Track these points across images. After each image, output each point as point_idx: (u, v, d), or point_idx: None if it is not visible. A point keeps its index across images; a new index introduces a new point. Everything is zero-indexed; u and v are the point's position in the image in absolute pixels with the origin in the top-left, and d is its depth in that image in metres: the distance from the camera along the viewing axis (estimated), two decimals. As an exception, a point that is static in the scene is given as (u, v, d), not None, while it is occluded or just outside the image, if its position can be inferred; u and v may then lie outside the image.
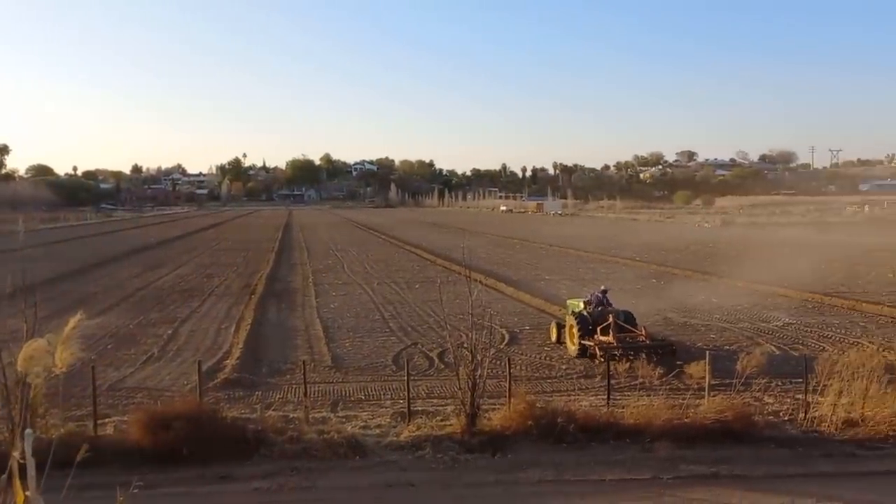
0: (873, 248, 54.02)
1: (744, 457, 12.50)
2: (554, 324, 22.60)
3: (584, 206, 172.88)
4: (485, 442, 13.01)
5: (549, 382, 17.77)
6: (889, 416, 13.35)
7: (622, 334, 19.38)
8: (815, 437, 13.30)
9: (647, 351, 18.56)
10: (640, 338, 19.46)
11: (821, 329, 23.93)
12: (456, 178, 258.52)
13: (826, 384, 14.06)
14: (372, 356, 20.67)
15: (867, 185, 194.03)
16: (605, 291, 21.65)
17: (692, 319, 26.00)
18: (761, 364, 17.09)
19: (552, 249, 59.27)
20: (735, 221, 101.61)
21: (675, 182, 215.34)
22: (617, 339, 19.07)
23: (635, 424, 13.41)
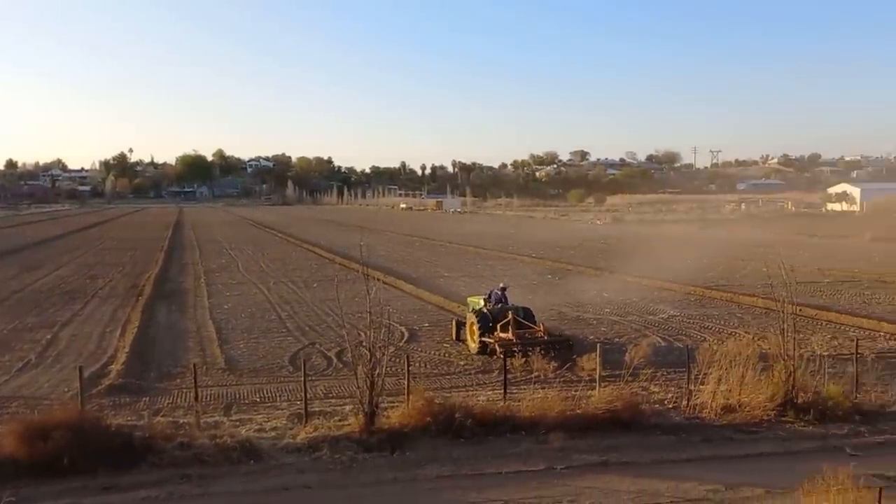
0: (749, 243, 57.58)
1: (632, 444, 13.03)
2: (454, 321, 22.73)
3: (482, 204, 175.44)
4: (383, 440, 12.96)
5: (447, 379, 17.91)
6: (763, 402, 14.24)
7: (521, 330, 19.68)
8: (697, 423, 14.01)
9: (545, 346, 18.95)
10: (539, 334, 19.83)
11: (702, 320, 25.28)
12: (355, 175, 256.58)
13: (707, 373, 14.83)
14: (268, 357, 20.18)
15: (744, 184, 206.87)
16: (504, 289, 21.92)
17: (585, 313, 26.88)
18: (648, 355, 17.88)
19: (451, 247, 59.82)
20: (625, 219, 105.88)
21: (569, 181, 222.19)
22: (516, 335, 19.35)
23: (531, 417, 13.72)
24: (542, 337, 19.66)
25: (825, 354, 18.29)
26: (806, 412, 14.19)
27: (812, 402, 14.35)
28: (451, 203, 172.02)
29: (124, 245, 62.99)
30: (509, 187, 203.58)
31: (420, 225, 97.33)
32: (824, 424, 13.90)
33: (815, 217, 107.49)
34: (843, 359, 18.16)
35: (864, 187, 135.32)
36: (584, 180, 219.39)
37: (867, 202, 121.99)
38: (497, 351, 18.91)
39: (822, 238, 65.36)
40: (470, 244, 60.45)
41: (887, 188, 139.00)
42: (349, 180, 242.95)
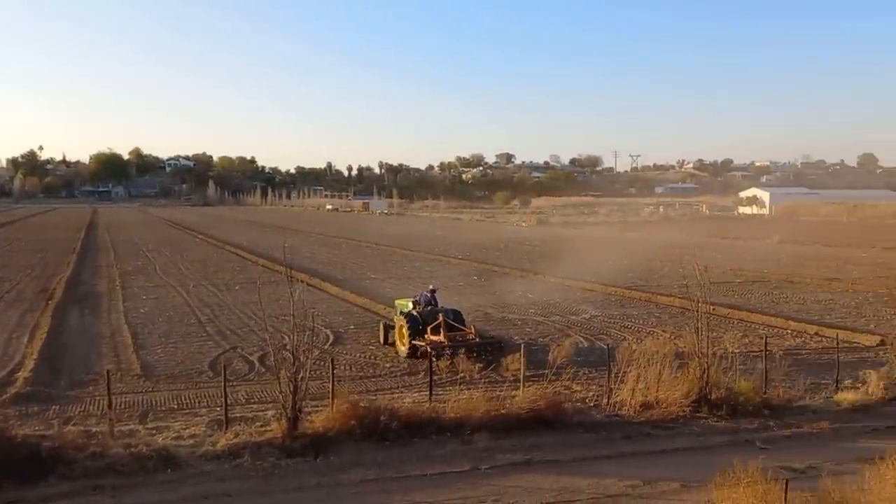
0: (667, 245, 59.54)
1: (555, 443, 13.25)
2: (382, 325, 22.36)
3: (409, 206, 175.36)
4: (307, 445, 12.76)
5: (373, 381, 17.79)
6: (679, 398, 14.72)
7: (453, 333, 19.55)
8: (617, 420, 14.37)
9: (477, 349, 18.98)
10: (470, 336, 19.76)
11: (622, 320, 25.97)
12: (280, 175, 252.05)
13: (626, 371, 15.21)
14: (186, 362, 19.57)
15: (662, 187, 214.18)
16: (434, 291, 21.78)
17: (510, 314, 27.20)
18: (571, 354, 18.30)
19: (378, 248, 59.53)
20: (549, 221, 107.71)
21: (495, 183, 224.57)
22: (448, 337, 19.21)
23: (456, 418, 13.77)
24: (473, 339, 19.61)
25: (737, 352, 19.07)
26: (719, 408, 14.76)
27: (725, 397, 14.93)
28: (377, 204, 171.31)
29: (33, 247, 59.97)
30: (436, 189, 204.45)
31: (346, 226, 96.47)
32: (736, 419, 14.49)
33: (728, 220, 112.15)
34: (753, 356, 18.91)
35: (772, 191, 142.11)
36: (509, 183, 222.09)
37: (776, 206, 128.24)
38: (429, 353, 18.63)
39: (734, 240, 68.15)
40: (397, 246, 60.30)
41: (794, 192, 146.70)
42: (273, 181, 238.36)
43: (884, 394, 15.92)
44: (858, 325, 24.85)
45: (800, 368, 18.07)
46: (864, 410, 15.22)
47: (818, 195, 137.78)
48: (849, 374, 17.33)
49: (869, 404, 15.47)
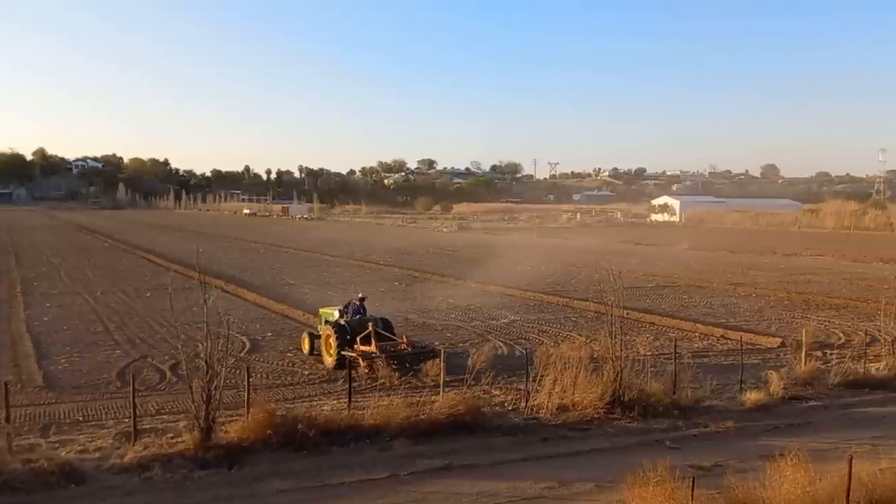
0: (583, 250, 61.12)
1: (474, 447, 13.34)
2: (306, 334, 21.35)
3: (330, 211, 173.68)
4: (220, 456, 12.40)
5: (291, 389, 17.47)
6: (594, 401, 15.09)
7: (384, 343, 18.96)
8: (534, 423, 14.59)
9: (410, 359, 18.52)
10: (402, 346, 19.17)
11: (540, 324, 26.43)
12: (195, 178, 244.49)
13: (543, 374, 15.48)
14: (93, 373, 18.70)
15: (579, 195, 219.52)
16: (363, 299, 20.95)
17: (431, 320, 27.27)
18: (490, 359, 18.46)
19: (298, 254, 58.65)
20: (470, 226, 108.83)
21: (417, 188, 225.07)
22: (379, 347, 18.57)
23: (375, 425, 13.69)
24: (405, 349, 19.04)
25: (648, 354, 19.78)
26: (631, 409, 15.21)
27: (637, 399, 15.40)
28: (297, 209, 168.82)
29: (-77, 251, 56.17)
30: (358, 194, 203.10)
31: (265, 231, 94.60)
32: (647, 420, 14.96)
33: (641, 227, 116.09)
34: (664, 358, 19.59)
35: (682, 200, 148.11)
36: (431, 188, 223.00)
37: (685, 213, 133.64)
38: (361, 364, 18.21)
39: (646, 246, 70.51)
40: (317, 251, 59.59)
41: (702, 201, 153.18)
42: (188, 184, 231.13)
43: (784, 393, 16.76)
44: (761, 327, 26.11)
45: (707, 370, 18.83)
46: (766, 409, 15.96)
47: (725, 204, 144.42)
48: (752, 375, 18.16)
49: (770, 404, 16.24)
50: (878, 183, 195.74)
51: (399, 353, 18.82)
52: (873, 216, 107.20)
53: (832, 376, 18.07)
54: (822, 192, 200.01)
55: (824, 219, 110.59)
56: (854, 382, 17.86)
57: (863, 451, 12.36)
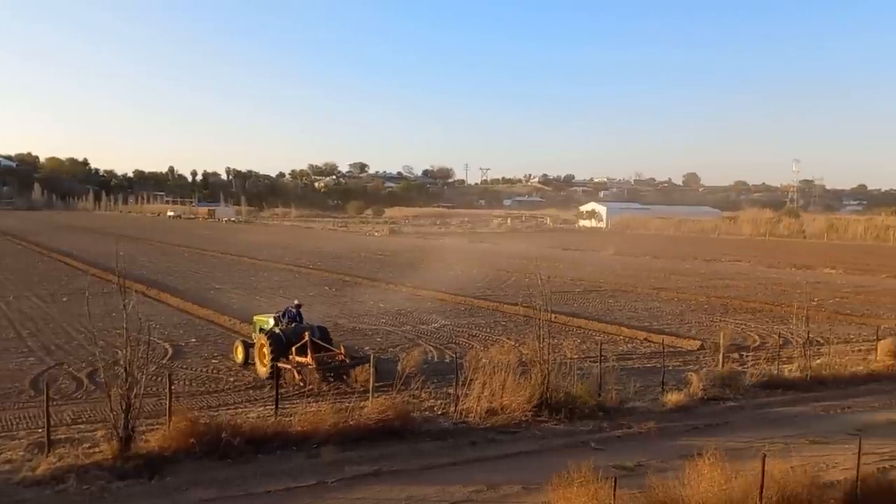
0: (514, 255, 61.85)
1: (403, 452, 13.31)
2: (240, 343, 20.47)
3: (258, 214, 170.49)
4: (140, 466, 11.99)
5: (215, 396, 17.04)
6: (522, 404, 15.29)
7: (321, 353, 18.38)
8: (463, 427, 14.67)
9: (347, 371, 18.00)
10: (339, 356, 18.53)
11: (470, 329, 26.62)
12: (116, 179, 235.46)
13: (473, 378, 15.58)
14: (3, 381, 17.79)
15: (510, 200, 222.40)
16: (299, 306, 20.38)
17: (361, 324, 27.10)
18: (420, 363, 18.47)
19: (224, 257, 57.35)
20: (402, 231, 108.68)
21: (349, 192, 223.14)
22: (315, 359, 17.94)
23: (303, 431, 13.50)
24: (342, 360, 18.40)
25: (575, 357, 20.16)
26: (558, 411, 15.48)
27: (563, 401, 15.69)
28: (224, 212, 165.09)
29: None
30: (288, 197, 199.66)
31: (190, 234, 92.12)
32: (573, 422, 15.25)
33: (570, 232, 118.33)
34: (590, 361, 20.03)
35: (609, 206, 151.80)
36: (363, 192, 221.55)
37: (612, 219, 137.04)
38: (296, 378, 17.66)
39: (574, 251, 71.95)
40: (244, 255, 58.41)
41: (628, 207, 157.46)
42: (109, 185, 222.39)
43: (703, 394, 17.38)
44: (682, 330, 27.00)
45: (631, 372, 19.35)
46: (686, 410, 16.51)
47: (649, 210, 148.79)
48: (674, 377, 18.75)
49: (690, 404, 16.80)
50: (791, 192, 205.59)
51: (335, 363, 18.28)
52: (787, 224, 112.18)
53: (748, 377, 18.86)
54: (740, 200, 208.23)
55: (742, 226, 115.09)
56: (768, 383, 18.66)
57: (776, 450, 12.93)
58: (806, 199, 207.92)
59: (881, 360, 21.07)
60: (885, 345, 21.62)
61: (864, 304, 35.60)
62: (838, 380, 19.32)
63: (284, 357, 18.31)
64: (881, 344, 21.83)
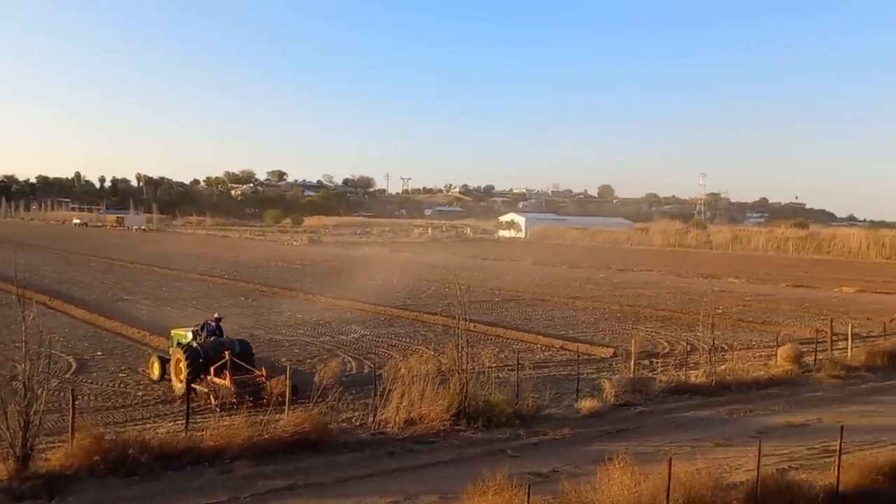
0: (434, 265, 62.15)
1: (320, 465, 13.12)
2: (156, 358, 19.58)
3: (171, 222, 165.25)
4: (40, 486, 11.37)
5: (122, 412, 16.37)
6: (440, 413, 15.34)
7: (241, 376, 17.33)
8: (381, 438, 14.59)
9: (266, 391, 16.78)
10: (260, 378, 17.48)
11: (390, 339, 26.54)
12: (17, 185, 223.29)
13: (391, 389, 15.54)
14: None
15: (431, 210, 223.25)
16: (219, 320, 19.59)
17: (277, 335, 26.63)
18: (338, 374, 18.25)
19: (134, 267, 55.29)
20: (321, 240, 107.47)
21: (267, 201, 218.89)
22: (234, 382, 16.95)
23: (215, 446, 13.12)
24: (264, 382, 17.21)
25: (493, 366, 20.33)
26: (476, 420, 15.61)
27: (482, 410, 15.84)
28: (134, 220, 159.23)
29: None
30: (202, 205, 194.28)
31: (98, 243, 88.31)
32: (491, 430, 15.40)
33: (490, 242, 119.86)
34: (508, 369, 20.30)
35: (528, 217, 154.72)
36: (281, 201, 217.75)
37: (530, 230, 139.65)
38: (213, 403, 16.56)
39: (494, 261, 72.89)
40: (156, 264, 56.46)
41: (546, 218, 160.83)
42: (9, 191, 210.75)
43: (616, 400, 17.90)
44: (596, 338, 27.74)
45: (547, 380, 19.77)
46: (599, 416, 16.95)
47: (566, 221, 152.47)
48: (588, 384, 19.22)
49: (603, 410, 17.26)
50: (699, 205, 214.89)
51: (255, 385, 17.29)
52: (695, 235, 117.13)
53: (657, 383, 19.54)
54: (652, 212, 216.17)
55: (653, 237, 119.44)
56: (676, 388, 19.39)
57: (683, 453, 13.42)
58: (712, 212, 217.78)
59: (780, 365, 22.21)
60: (784, 351, 22.84)
61: (765, 311, 37.50)
62: (741, 384, 20.24)
63: (203, 371, 17.62)
64: (780, 350, 23.04)
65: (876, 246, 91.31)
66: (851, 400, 19.42)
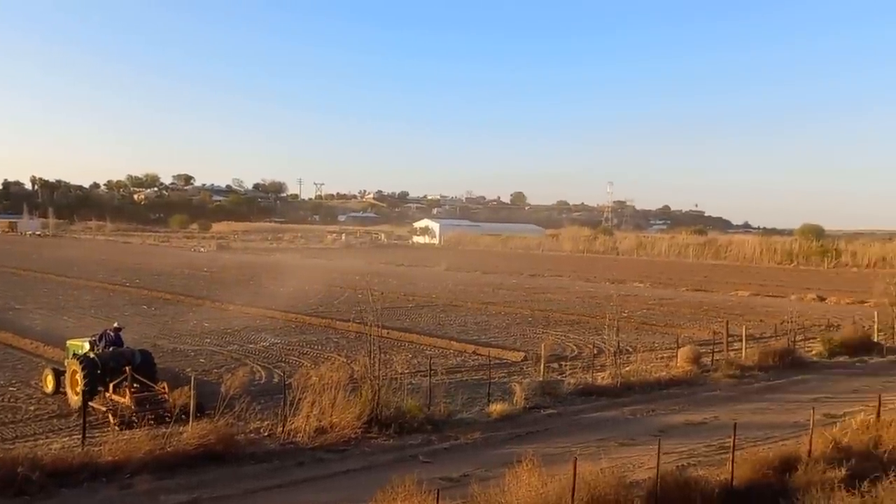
0: (348, 271, 61.63)
1: (225, 477, 12.75)
2: (50, 370, 18.57)
3: (69, 227, 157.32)
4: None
5: (12, 427, 15.46)
6: (352, 421, 15.21)
7: (142, 394, 16.46)
8: (291, 447, 14.33)
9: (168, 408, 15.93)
10: (162, 395, 16.66)
11: (301, 347, 26.12)
12: None
13: (302, 397, 15.30)
14: None
15: (344, 216, 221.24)
16: (119, 329, 18.64)
17: (182, 345, 25.76)
18: (246, 384, 17.75)
19: (28, 274, 52.33)
20: (231, 246, 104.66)
21: (172, 205, 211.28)
22: (135, 399, 16.09)
23: (114, 461, 12.57)
24: (165, 399, 16.36)
25: (406, 372, 20.38)
26: (388, 427, 15.56)
27: (394, 416, 15.81)
28: (28, 224, 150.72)
29: None
30: (103, 209, 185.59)
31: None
32: (403, 437, 15.39)
33: (404, 248, 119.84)
34: (420, 375, 20.34)
35: (442, 223, 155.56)
36: (188, 205, 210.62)
37: (444, 236, 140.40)
38: (112, 421, 15.52)
39: (408, 267, 72.91)
40: (52, 271, 53.62)
41: (460, 224, 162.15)
42: None
43: (526, 403, 18.21)
44: (508, 343, 28.17)
45: (459, 385, 19.92)
46: (510, 419, 17.20)
47: (480, 227, 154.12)
48: (499, 388, 19.48)
49: (514, 414, 17.54)
50: (606, 212, 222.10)
51: (157, 401, 16.48)
52: (602, 241, 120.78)
53: (566, 386, 20.05)
54: (562, 218, 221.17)
55: (563, 243, 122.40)
56: (584, 390, 19.94)
57: (589, 453, 13.81)
58: (619, 219, 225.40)
59: (680, 365, 23.18)
60: (684, 352, 23.85)
61: (666, 314, 39.08)
62: (644, 385, 21.00)
63: (101, 384, 16.85)
64: (681, 351, 24.05)
65: (768, 252, 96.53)
66: (746, 398, 20.47)
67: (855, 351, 27.08)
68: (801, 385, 22.51)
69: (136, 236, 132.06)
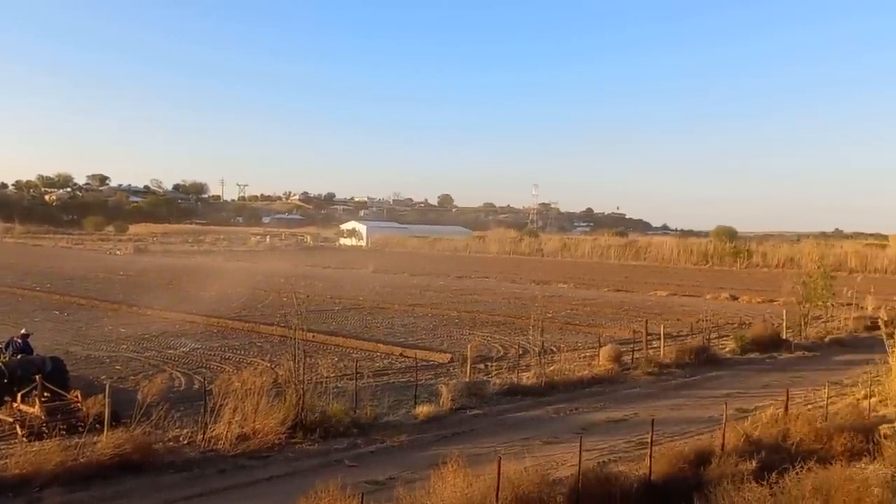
0: (272, 274, 60.54)
1: (143, 487, 12.32)
2: None
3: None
4: None
5: None
6: (275, 426, 14.94)
7: (53, 404, 15.75)
8: (212, 455, 13.96)
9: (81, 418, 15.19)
10: (75, 404, 15.94)
11: (223, 352, 25.50)
12: None
13: (223, 403, 14.92)
14: None
15: (269, 217, 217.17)
16: (27, 336, 17.86)
17: (97, 352, 24.78)
18: (164, 391, 17.20)
19: (-75, 279, 49.18)
20: (149, 249, 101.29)
21: (86, 206, 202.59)
22: (46, 409, 15.36)
23: (21, 474, 11.96)
24: (78, 409, 15.70)
25: (332, 376, 20.11)
26: (313, 431, 15.37)
27: (319, 421, 15.62)
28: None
29: None
30: (10, 211, 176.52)
31: None
32: (328, 441, 15.23)
33: (330, 250, 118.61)
34: (346, 379, 20.15)
35: (369, 225, 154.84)
36: (103, 207, 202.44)
37: (372, 238, 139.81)
38: (19, 433, 14.75)
39: (335, 269, 72.24)
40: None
41: (387, 226, 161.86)
42: None
43: (452, 405, 18.29)
44: (435, 344, 28.26)
45: (386, 387, 19.84)
46: (436, 421, 17.26)
47: (407, 230, 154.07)
48: (426, 390, 19.51)
49: (440, 415, 17.60)
50: (532, 214, 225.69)
51: (69, 410, 15.75)
52: (528, 243, 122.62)
53: (492, 386, 20.27)
54: (488, 220, 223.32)
55: (489, 245, 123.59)
56: (509, 390, 20.20)
57: (513, 452, 13.97)
58: (544, 221, 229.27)
59: (602, 364, 23.78)
60: (606, 351, 24.49)
61: (589, 314, 40.02)
62: (568, 384, 21.44)
63: (8, 394, 16.07)
64: (602, 350, 24.68)
65: (685, 253, 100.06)
66: (664, 395, 21.17)
67: (765, 348, 28.42)
68: (715, 381, 23.44)
69: (47, 239, 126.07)
